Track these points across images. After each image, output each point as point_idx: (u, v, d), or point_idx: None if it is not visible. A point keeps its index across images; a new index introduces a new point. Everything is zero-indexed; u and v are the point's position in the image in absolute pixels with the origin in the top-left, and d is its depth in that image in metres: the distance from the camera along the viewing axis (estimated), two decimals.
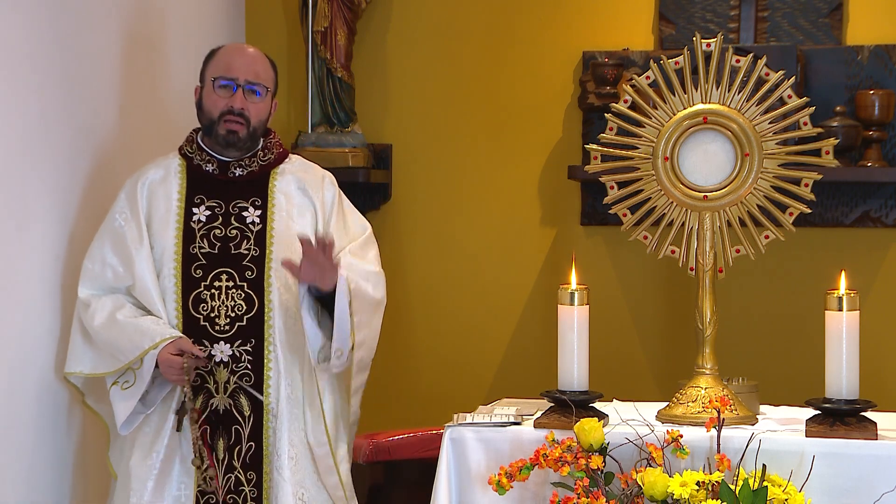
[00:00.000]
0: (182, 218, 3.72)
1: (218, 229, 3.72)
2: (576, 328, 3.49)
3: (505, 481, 3.29)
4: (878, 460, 3.25)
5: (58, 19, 3.86)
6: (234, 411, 3.64)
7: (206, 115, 3.75)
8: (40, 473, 3.80)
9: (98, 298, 3.71)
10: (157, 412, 3.69)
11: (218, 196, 3.75)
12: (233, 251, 3.70)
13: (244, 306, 3.67)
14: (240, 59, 3.75)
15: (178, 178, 3.77)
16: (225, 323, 3.66)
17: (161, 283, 3.69)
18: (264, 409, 3.66)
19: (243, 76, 3.71)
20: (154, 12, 4.49)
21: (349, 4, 5.18)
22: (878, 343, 4.75)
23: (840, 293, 3.38)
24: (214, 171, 3.76)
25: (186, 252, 3.69)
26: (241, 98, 3.70)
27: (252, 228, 3.72)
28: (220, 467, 3.64)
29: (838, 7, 4.97)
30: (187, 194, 3.74)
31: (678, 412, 3.50)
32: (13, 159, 3.67)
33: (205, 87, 3.76)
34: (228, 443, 3.65)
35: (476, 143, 5.26)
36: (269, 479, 3.66)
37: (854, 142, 4.82)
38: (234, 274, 3.68)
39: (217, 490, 3.61)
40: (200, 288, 3.68)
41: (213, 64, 3.76)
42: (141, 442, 3.68)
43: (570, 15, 5.18)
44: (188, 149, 3.80)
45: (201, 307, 3.66)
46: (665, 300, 5.09)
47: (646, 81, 3.61)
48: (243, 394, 3.64)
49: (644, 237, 3.65)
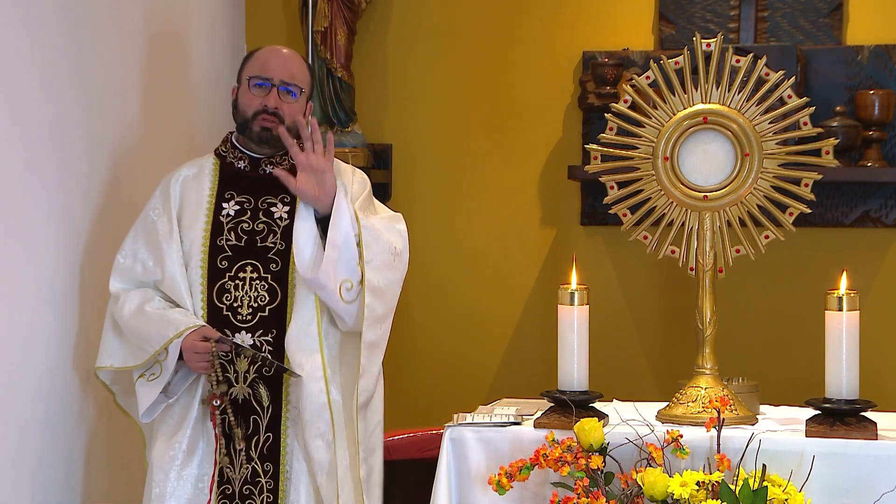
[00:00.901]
0: (211, 212, 3.77)
1: (245, 223, 3.76)
2: (576, 328, 3.49)
3: (505, 481, 3.29)
4: (878, 460, 3.25)
5: (60, 20, 3.86)
6: (252, 401, 3.65)
7: (240, 114, 3.80)
8: (49, 474, 3.82)
9: (127, 292, 3.75)
10: (180, 403, 3.70)
11: (248, 192, 3.79)
12: (259, 244, 3.73)
13: (267, 297, 3.70)
14: (276, 59, 3.79)
15: (211, 175, 3.82)
16: (247, 313, 3.69)
17: (189, 275, 3.73)
18: (283, 401, 3.67)
19: (278, 76, 3.76)
20: (154, 12, 4.49)
21: (349, 4, 5.18)
22: (878, 343, 4.75)
23: (840, 293, 3.38)
24: (246, 167, 3.81)
25: (213, 244, 3.73)
26: (275, 98, 3.75)
27: (279, 223, 3.76)
28: (237, 457, 3.65)
29: (838, 7, 4.97)
30: (218, 190, 3.80)
31: (678, 412, 3.50)
32: (26, 161, 3.69)
33: (241, 87, 3.80)
34: (246, 433, 3.65)
35: (476, 143, 5.26)
36: (284, 470, 3.67)
37: (854, 142, 4.82)
38: (259, 266, 3.72)
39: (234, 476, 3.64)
40: (225, 278, 3.71)
41: (250, 64, 3.81)
42: (163, 433, 3.70)
43: (570, 15, 5.18)
44: (222, 148, 3.86)
45: (225, 297, 3.70)
46: (665, 300, 5.09)
47: (646, 81, 3.61)
48: (262, 384, 3.65)
49: (644, 237, 3.65)
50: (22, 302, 3.69)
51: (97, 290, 3.94)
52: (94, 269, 3.99)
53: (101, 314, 3.90)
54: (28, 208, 3.72)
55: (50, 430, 3.82)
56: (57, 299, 3.85)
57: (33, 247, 3.74)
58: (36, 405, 3.77)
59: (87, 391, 3.97)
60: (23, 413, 3.71)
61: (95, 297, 3.96)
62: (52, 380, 3.83)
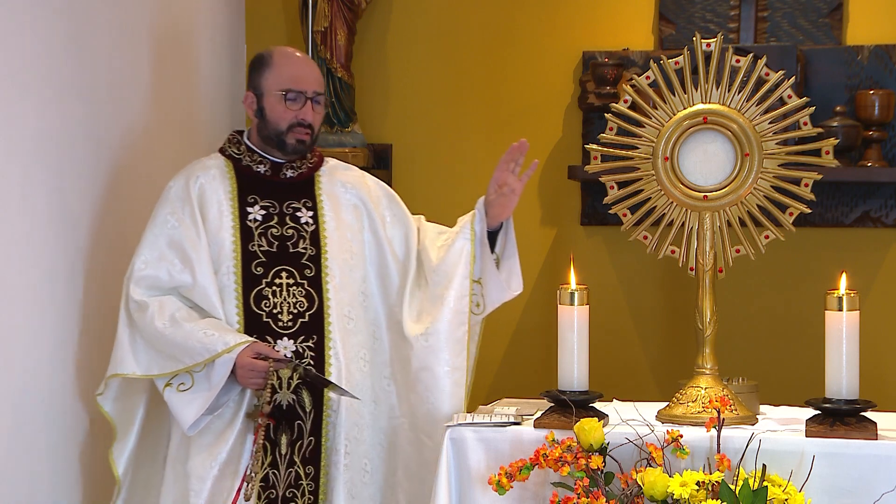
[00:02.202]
0: (237, 217, 3.77)
1: (275, 228, 3.78)
2: (576, 328, 3.49)
3: (505, 481, 3.29)
4: (878, 460, 3.25)
5: (60, 19, 3.86)
6: (296, 407, 3.65)
7: (272, 126, 3.79)
8: (48, 480, 3.82)
9: (155, 300, 3.70)
10: (220, 416, 3.68)
11: (270, 196, 3.81)
12: (291, 250, 3.76)
13: (305, 303, 3.72)
14: (305, 70, 3.81)
15: (228, 179, 3.81)
16: (288, 319, 3.71)
17: (219, 281, 3.71)
18: (324, 404, 3.69)
19: (311, 88, 3.79)
20: (153, 12, 4.49)
21: (349, 4, 5.18)
22: (878, 343, 4.75)
23: (840, 293, 3.38)
24: (266, 172, 3.82)
25: (245, 250, 3.74)
26: (310, 111, 3.78)
27: (307, 228, 3.79)
28: (282, 462, 3.65)
29: (838, 7, 4.97)
30: (239, 194, 3.79)
31: (678, 412, 3.50)
32: (29, 161, 3.70)
33: (267, 98, 3.78)
34: (291, 438, 3.66)
35: (476, 143, 5.26)
36: (325, 472, 3.69)
37: (854, 142, 4.82)
38: (294, 272, 3.74)
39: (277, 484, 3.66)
40: (262, 285, 3.71)
41: (275, 74, 3.79)
42: (200, 444, 3.67)
43: (570, 15, 5.18)
44: (233, 150, 3.85)
45: (263, 304, 3.70)
46: (665, 300, 5.09)
47: (646, 81, 3.61)
48: (305, 389, 3.65)
49: (644, 237, 3.65)
50: (22, 302, 3.69)
51: (98, 291, 3.95)
52: (95, 270, 3.98)
53: (103, 315, 3.89)
54: (29, 208, 3.72)
55: (51, 431, 3.82)
56: (57, 299, 3.85)
57: (35, 246, 3.74)
58: (36, 406, 3.76)
59: (88, 392, 3.97)
60: (25, 413, 3.71)
61: (97, 297, 3.96)
62: (51, 380, 3.82)
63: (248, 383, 3.60)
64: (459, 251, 3.77)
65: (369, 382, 3.78)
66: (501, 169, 3.77)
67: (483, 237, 3.77)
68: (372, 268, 3.85)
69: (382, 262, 3.85)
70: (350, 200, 3.87)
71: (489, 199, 3.77)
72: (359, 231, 3.85)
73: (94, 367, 3.91)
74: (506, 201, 3.75)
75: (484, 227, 3.77)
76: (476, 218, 3.77)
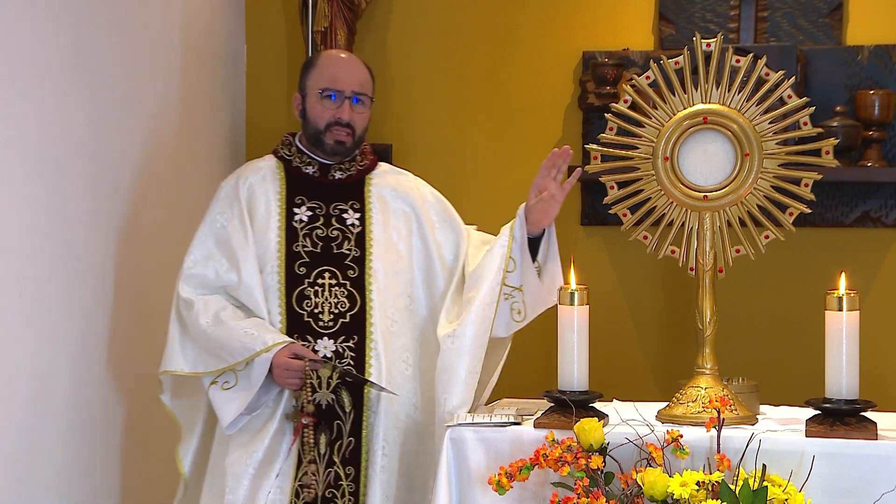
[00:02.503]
0: (284, 217, 3.80)
1: (320, 229, 3.80)
2: (576, 328, 3.48)
3: (505, 481, 3.29)
4: (878, 460, 3.25)
5: (60, 20, 3.87)
6: (336, 407, 3.66)
7: (312, 126, 3.83)
8: (72, 479, 3.86)
9: (201, 298, 3.75)
10: (258, 414, 3.71)
11: (317, 197, 3.84)
12: (335, 251, 3.78)
13: (347, 304, 3.74)
14: (345, 69, 3.83)
15: (278, 179, 3.86)
16: (329, 319, 3.72)
17: (263, 280, 3.75)
18: (364, 405, 3.69)
19: (349, 88, 3.80)
20: (153, 12, 4.49)
21: (349, 4, 5.18)
22: (878, 343, 4.75)
23: (840, 293, 3.38)
24: (315, 173, 3.86)
25: (290, 250, 3.77)
26: (347, 110, 3.79)
27: (352, 230, 3.81)
28: (321, 462, 3.67)
29: (838, 7, 4.97)
30: (287, 195, 3.83)
31: (678, 412, 3.50)
32: (59, 164, 3.76)
33: (309, 98, 3.83)
34: (330, 438, 3.68)
35: (476, 143, 5.26)
36: (364, 473, 3.70)
37: (854, 142, 4.82)
38: (337, 272, 3.76)
39: (316, 484, 3.65)
40: (304, 285, 3.74)
41: (316, 74, 3.84)
42: (239, 442, 3.70)
43: (570, 15, 5.18)
44: (285, 151, 3.89)
45: (305, 303, 3.72)
46: (665, 300, 5.09)
47: (646, 81, 3.61)
48: (345, 390, 3.66)
49: (644, 237, 3.65)
50: (52, 301, 3.74)
51: (130, 290, 3.98)
52: (124, 269, 4.01)
53: (134, 313, 3.93)
54: (52, 209, 3.74)
55: (79, 430, 3.88)
56: (86, 298, 3.88)
57: (34, 246, 3.75)
58: (66, 403, 3.82)
59: (121, 390, 4.00)
60: (46, 417, 3.74)
61: (128, 297, 4.00)
62: (78, 377, 3.86)
63: (285, 383, 3.64)
64: (494, 258, 3.74)
65: (411, 386, 3.77)
66: (542, 174, 3.74)
67: (523, 244, 3.74)
68: (419, 272, 3.86)
69: (430, 268, 3.86)
70: (400, 205, 3.90)
71: (529, 205, 3.74)
72: (407, 236, 3.87)
73: (122, 366, 3.95)
74: (546, 207, 3.71)
75: (524, 233, 3.73)
76: (516, 224, 3.74)
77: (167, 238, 4.45)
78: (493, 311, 3.70)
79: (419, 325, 3.83)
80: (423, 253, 3.87)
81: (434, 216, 3.93)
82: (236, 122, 5.21)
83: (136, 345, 4.22)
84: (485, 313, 3.70)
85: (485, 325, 3.70)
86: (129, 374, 4.17)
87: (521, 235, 3.73)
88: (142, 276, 4.29)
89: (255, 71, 5.37)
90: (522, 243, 3.73)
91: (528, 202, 3.75)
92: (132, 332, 4.21)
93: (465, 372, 3.67)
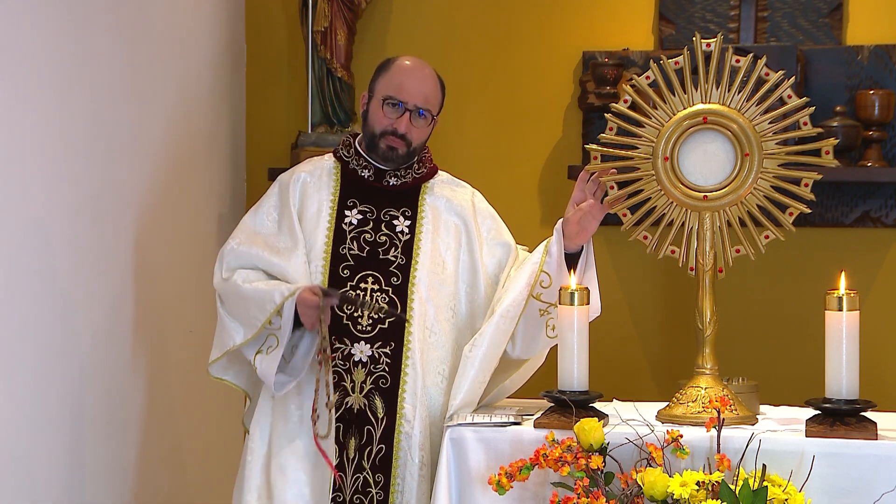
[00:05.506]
0: (334, 219, 3.79)
1: (368, 234, 3.78)
2: (576, 328, 3.48)
3: (505, 481, 3.29)
4: (878, 460, 3.25)
5: (60, 19, 3.87)
6: (367, 412, 3.65)
7: (369, 128, 3.80)
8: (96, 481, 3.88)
9: (239, 272, 3.73)
10: (301, 386, 3.67)
11: (370, 201, 3.81)
12: (380, 256, 3.75)
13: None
14: (413, 82, 3.79)
15: (333, 180, 3.84)
16: (367, 324, 3.70)
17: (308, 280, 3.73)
18: (397, 413, 3.66)
19: (413, 101, 3.77)
20: (153, 12, 4.49)
21: (349, 4, 5.18)
22: (878, 343, 4.75)
23: (840, 293, 3.38)
24: (370, 177, 3.83)
25: (336, 252, 3.75)
26: (406, 122, 3.76)
27: (401, 237, 3.78)
28: (349, 466, 3.65)
29: (838, 7, 4.97)
30: (340, 196, 3.81)
31: (678, 412, 3.50)
32: (59, 164, 3.76)
33: (374, 100, 3.80)
34: (360, 443, 3.66)
35: (476, 143, 5.26)
36: (395, 482, 3.67)
37: (854, 142, 4.82)
38: (381, 278, 3.73)
39: (342, 484, 3.64)
40: (346, 287, 3.71)
41: (386, 79, 3.79)
42: (282, 410, 3.69)
43: (570, 15, 5.18)
44: (344, 152, 3.87)
45: (345, 306, 3.69)
46: (665, 300, 5.09)
47: (646, 81, 3.61)
48: (378, 395, 3.66)
49: (644, 237, 3.65)
50: (52, 301, 3.75)
51: (130, 290, 3.99)
52: (124, 268, 4.02)
53: (134, 313, 3.93)
54: (52, 209, 3.75)
55: (103, 426, 3.91)
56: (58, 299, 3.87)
57: (34, 246, 3.75)
58: (93, 400, 3.85)
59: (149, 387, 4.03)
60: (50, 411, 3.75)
61: (128, 296, 4.01)
62: (76, 378, 3.87)
63: (307, 322, 3.60)
64: (524, 273, 3.71)
65: (444, 399, 3.72)
66: (579, 188, 3.70)
67: (560, 259, 3.69)
68: (463, 286, 3.81)
69: (474, 283, 3.82)
70: (452, 217, 3.85)
71: (566, 217, 3.70)
72: (455, 249, 3.82)
73: (144, 363, 3.98)
74: (581, 219, 3.67)
75: (561, 248, 3.69)
76: (553, 240, 3.70)
77: (167, 237, 4.45)
78: (514, 324, 3.67)
79: (458, 338, 3.77)
80: (469, 268, 3.82)
81: (485, 232, 3.88)
82: (236, 122, 5.21)
83: (136, 345, 4.21)
84: (504, 326, 3.67)
85: (502, 337, 3.67)
86: (130, 374, 4.17)
87: (558, 251, 3.68)
88: (141, 275, 4.28)
89: (255, 71, 5.37)
90: (559, 259, 3.68)
91: (566, 213, 3.71)
92: (132, 332, 4.20)
93: (470, 382, 3.65)
